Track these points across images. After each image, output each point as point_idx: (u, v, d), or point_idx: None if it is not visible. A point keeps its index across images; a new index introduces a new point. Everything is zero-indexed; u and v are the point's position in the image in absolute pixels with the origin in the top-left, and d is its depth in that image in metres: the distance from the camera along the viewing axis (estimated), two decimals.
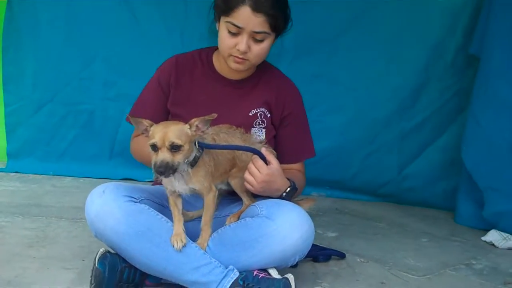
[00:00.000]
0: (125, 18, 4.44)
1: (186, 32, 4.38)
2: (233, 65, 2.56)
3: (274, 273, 2.38)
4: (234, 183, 2.51)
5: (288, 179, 2.52)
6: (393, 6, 4.20)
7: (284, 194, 2.49)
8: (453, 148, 4.19)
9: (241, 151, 2.44)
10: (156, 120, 2.25)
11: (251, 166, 2.39)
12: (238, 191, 2.53)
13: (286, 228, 2.32)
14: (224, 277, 2.28)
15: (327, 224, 3.72)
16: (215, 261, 2.32)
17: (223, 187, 2.52)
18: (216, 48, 2.67)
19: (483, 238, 3.63)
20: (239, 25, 2.43)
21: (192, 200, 2.49)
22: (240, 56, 2.50)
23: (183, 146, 2.12)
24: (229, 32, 2.47)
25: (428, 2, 4.18)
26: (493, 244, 3.54)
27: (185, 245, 2.27)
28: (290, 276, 2.32)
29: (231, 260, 2.34)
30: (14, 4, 4.45)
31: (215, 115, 2.17)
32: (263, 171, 2.37)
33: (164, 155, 2.10)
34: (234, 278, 2.28)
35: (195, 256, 2.30)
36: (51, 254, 2.78)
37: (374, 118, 4.37)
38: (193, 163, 2.24)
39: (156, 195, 2.53)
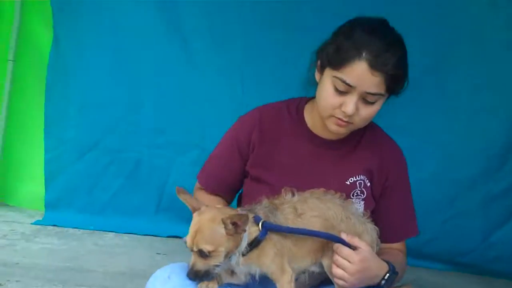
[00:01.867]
0: (179, 60, 4.06)
1: (247, 78, 3.97)
2: (333, 128, 2.11)
3: None
4: (327, 265, 2.02)
5: (385, 261, 2.03)
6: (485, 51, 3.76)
7: (383, 282, 1.99)
8: None
9: (337, 220, 1.99)
10: (230, 183, 2.26)
11: (337, 258, 1.93)
12: (331, 276, 2.03)
13: None
14: None
15: None
16: None
17: (316, 269, 2.04)
18: (307, 99, 2.27)
19: None
20: (351, 83, 1.98)
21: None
22: (345, 119, 2.05)
23: (214, 251, 1.81)
24: (336, 89, 2.02)
25: None
26: None
27: None
28: None
29: None
30: (61, 41, 4.10)
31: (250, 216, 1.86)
32: (353, 259, 1.91)
33: (194, 261, 1.85)
34: None
35: None
36: None
37: (455, 178, 3.92)
38: (252, 245, 1.88)
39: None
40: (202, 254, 1.81)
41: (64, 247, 3.65)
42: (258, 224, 1.88)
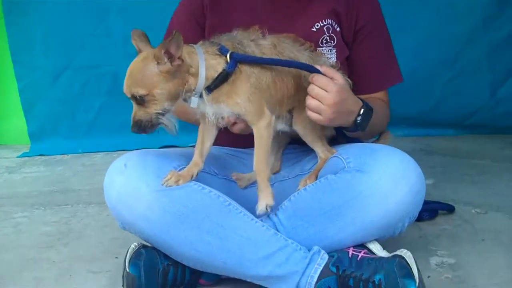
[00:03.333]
0: None
1: None
2: None
3: (378, 249, 1.71)
4: (300, 128, 1.79)
5: (360, 99, 1.80)
6: None
7: (358, 118, 1.75)
8: None
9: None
10: None
11: (313, 87, 1.67)
12: (308, 139, 1.81)
13: (387, 181, 1.63)
14: (308, 265, 1.63)
15: None
16: (292, 243, 1.65)
17: (285, 128, 1.81)
18: None
19: None
20: None
21: (248, 160, 1.83)
22: None
23: (148, 94, 1.54)
24: None
25: None
26: None
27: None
28: (406, 253, 1.59)
29: (314, 238, 1.68)
30: None
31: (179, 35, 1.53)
32: (331, 88, 1.66)
33: (134, 111, 1.59)
34: (323, 265, 1.62)
35: (264, 239, 1.65)
36: (75, 254, 2.14)
37: (452, 33, 3.69)
38: (218, 81, 1.61)
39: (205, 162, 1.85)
40: (137, 100, 1.56)
41: (48, 173, 3.48)
42: (225, 56, 1.61)
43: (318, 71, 1.68)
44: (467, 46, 3.67)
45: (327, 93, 1.66)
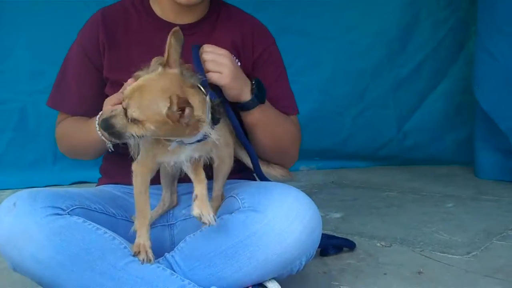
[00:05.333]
0: None
1: None
2: None
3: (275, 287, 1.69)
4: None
5: None
6: None
7: (254, 87, 1.83)
8: (458, 93, 3.76)
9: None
10: (88, 103, 1.95)
11: (205, 52, 1.77)
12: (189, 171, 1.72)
13: (281, 220, 1.63)
14: None
15: (327, 202, 3.04)
16: (189, 283, 1.62)
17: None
18: None
19: None
20: None
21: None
22: None
23: (140, 121, 1.46)
24: None
25: None
26: None
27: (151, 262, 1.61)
28: None
29: (211, 278, 1.66)
30: None
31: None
32: (220, 50, 1.78)
33: (117, 113, 1.50)
34: None
35: (160, 280, 1.61)
36: None
37: (359, 69, 3.76)
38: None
39: (98, 200, 1.82)
40: (127, 114, 1.47)
41: None
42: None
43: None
44: (373, 82, 3.74)
45: (220, 54, 1.76)
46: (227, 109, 1.76)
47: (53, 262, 1.58)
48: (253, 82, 1.83)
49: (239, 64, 1.92)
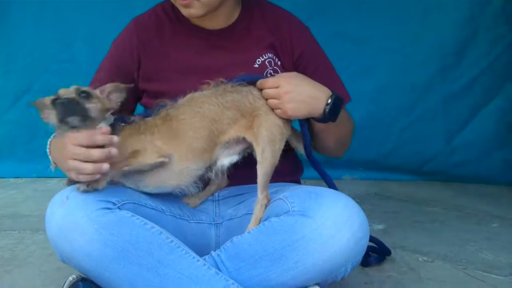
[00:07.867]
0: None
1: None
2: (185, 12, 1.95)
3: None
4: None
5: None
6: None
7: (327, 108, 1.84)
8: (511, 111, 3.68)
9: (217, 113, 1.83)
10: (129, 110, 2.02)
11: (265, 91, 1.83)
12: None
13: (330, 226, 1.63)
14: None
15: (369, 213, 2.87)
16: (233, 283, 1.64)
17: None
18: None
19: None
20: None
21: None
22: None
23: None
24: None
25: None
26: None
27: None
28: None
29: (256, 280, 1.68)
30: None
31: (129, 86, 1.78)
32: (279, 83, 1.82)
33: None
34: None
35: (205, 278, 1.63)
36: (17, 282, 2.09)
37: (412, 81, 3.73)
38: None
39: (149, 195, 1.86)
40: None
41: (0, 196, 3.40)
42: None
43: (260, 77, 1.86)
44: (425, 95, 3.71)
45: (278, 88, 1.80)
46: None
47: (102, 255, 1.61)
48: (329, 101, 1.84)
49: (279, 63, 1.98)
